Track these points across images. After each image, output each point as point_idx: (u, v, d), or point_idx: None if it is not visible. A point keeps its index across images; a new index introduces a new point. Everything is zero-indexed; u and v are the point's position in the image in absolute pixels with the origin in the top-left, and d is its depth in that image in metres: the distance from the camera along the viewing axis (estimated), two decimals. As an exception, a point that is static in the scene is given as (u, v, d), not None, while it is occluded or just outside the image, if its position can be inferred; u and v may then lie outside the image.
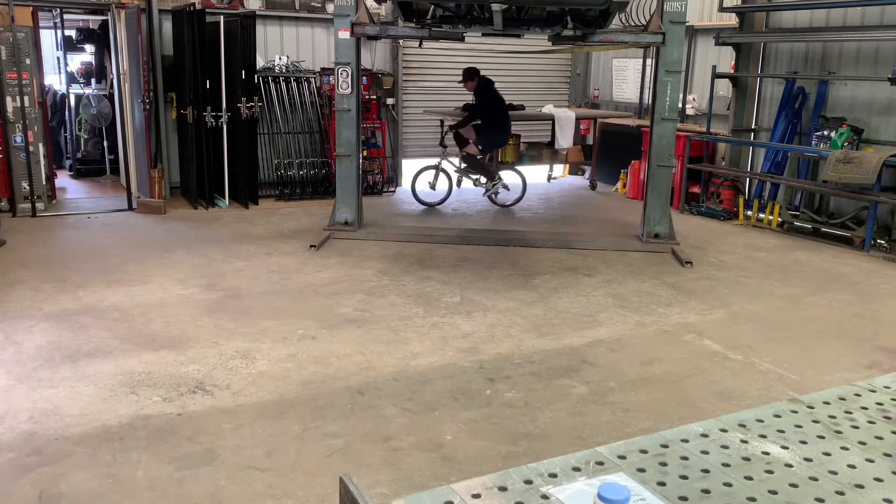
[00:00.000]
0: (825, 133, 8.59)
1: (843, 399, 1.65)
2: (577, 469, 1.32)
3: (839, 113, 8.77)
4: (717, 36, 9.54)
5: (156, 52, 9.39)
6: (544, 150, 11.28)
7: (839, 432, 1.50)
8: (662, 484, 1.29)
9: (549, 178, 12.21)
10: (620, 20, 8.05)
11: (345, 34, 7.77)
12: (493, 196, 9.93)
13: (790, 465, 1.37)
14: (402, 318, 5.58)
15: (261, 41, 9.84)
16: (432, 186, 9.85)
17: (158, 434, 3.78)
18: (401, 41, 10.91)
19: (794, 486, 1.30)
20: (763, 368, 4.82)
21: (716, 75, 9.63)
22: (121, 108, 9.56)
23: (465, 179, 10.15)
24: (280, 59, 10.09)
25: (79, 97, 11.25)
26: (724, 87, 10.05)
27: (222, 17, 9.11)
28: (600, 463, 1.35)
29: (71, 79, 11.37)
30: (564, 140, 10.71)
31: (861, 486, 1.30)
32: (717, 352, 5.09)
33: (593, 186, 11.50)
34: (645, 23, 7.71)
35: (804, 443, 1.45)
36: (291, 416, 4.00)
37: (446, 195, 10.02)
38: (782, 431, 1.50)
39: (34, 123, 8.68)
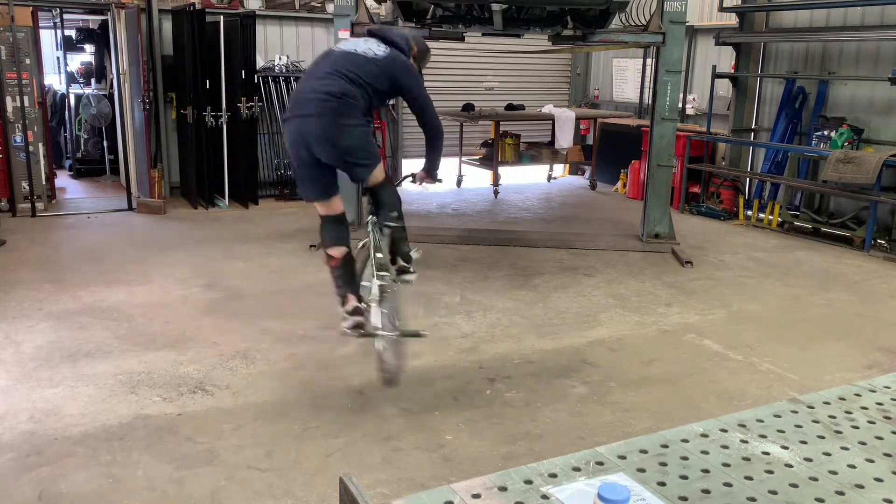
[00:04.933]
0: (825, 133, 8.59)
1: (843, 399, 1.65)
2: (577, 469, 1.32)
3: (839, 113, 8.77)
4: (717, 36, 9.54)
5: (156, 52, 9.38)
6: (544, 150, 11.28)
7: (839, 432, 1.50)
8: (662, 484, 1.29)
9: (549, 177, 12.22)
10: (620, 20, 8.05)
11: (345, 34, 7.76)
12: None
13: (790, 465, 1.37)
14: (402, 318, 5.56)
15: (261, 41, 9.84)
16: None
17: (158, 434, 3.78)
18: (401, 41, 10.88)
19: (794, 486, 1.30)
20: (763, 368, 4.82)
21: (716, 75, 9.63)
22: (121, 108, 9.56)
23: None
24: (280, 58, 10.09)
25: (79, 97, 11.24)
26: (724, 87, 10.05)
27: (222, 16, 9.11)
28: (600, 463, 1.35)
29: (71, 79, 11.37)
30: (564, 140, 10.71)
31: (861, 486, 1.30)
32: (717, 352, 5.09)
33: (593, 186, 11.50)
34: (645, 23, 7.71)
35: (804, 443, 1.45)
36: (291, 416, 4.00)
37: None
38: (782, 431, 1.50)
39: (34, 123, 8.68)
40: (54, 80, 11.63)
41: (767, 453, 1.41)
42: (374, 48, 4.30)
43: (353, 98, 4.09)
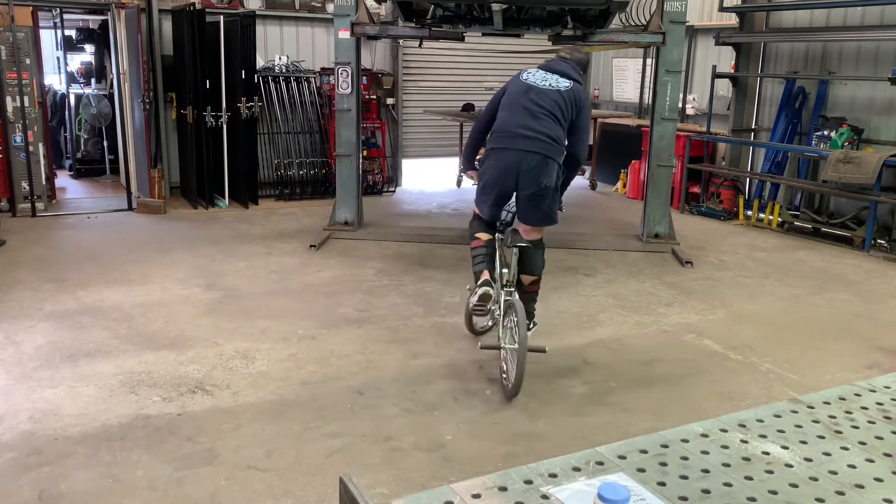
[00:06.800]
0: (825, 133, 8.60)
1: (843, 399, 1.65)
2: (577, 469, 1.32)
3: (839, 113, 8.77)
4: (717, 36, 9.54)
5: (156, 52, 9.38)
6: (544, 150, 11.25)
7: (839, 432, 1.50)
8: (662, 484, 1.29)
9: (549, 178, 12.22)
10: (620, 20, 8.05)
11: (345, 34, 7.77)
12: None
13: (790, 465, 1.37)
14: (402, 318, 5.58)
15: (261, 41, 9.84)
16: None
17: (158, 434, 3.78)
18: (401, 41, 10.91)
19: (794, 486, 1.30)
20: (763, 368, 4.82)
21: (716, 75, 9.63)
22: (121, 108, 9.56)
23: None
24: (280, 59, 10.09)
25: (79, 97, 11.24)
26: (724, 87, 10.05)
27: (222, 16, 9.11)
28: (600, 463, 1.35)
29: (71, 79, 11.37)
30: (564, 140, 10.69)
31: (861, 486, 1.30)
32: (717, 352, 5.09)
33: (593, 186, 11.51)
34: (645, 23, 7.72)
35: (804, 443, 1.45)
36: (291, 416, 4.00)
37: None
38: (782, 431, 1.50)
39: (34, 123, 8.68)
40: (54, 80, 11.62)
41: (767, 453, 1.41)
42: (560, 81, 4.64)
43: (563, 144, 4.53)
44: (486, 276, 4.56)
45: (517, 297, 4.45)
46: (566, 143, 4.58)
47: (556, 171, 4.51)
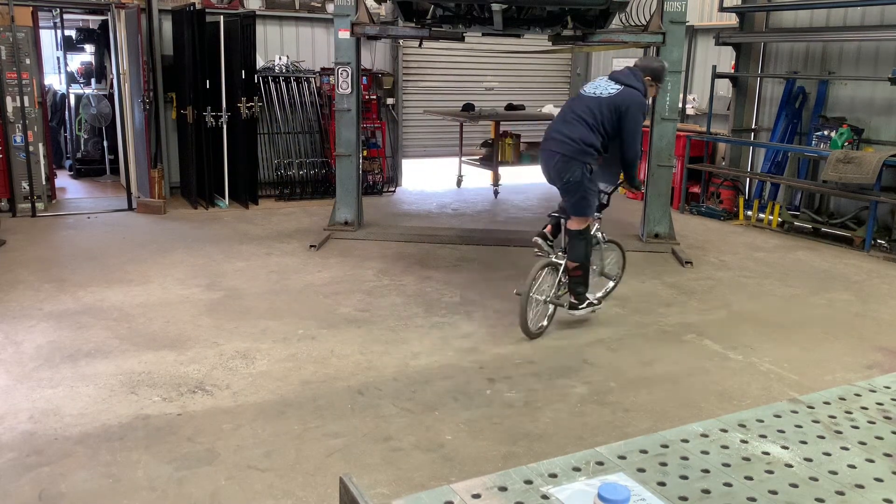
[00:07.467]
0: (825, 133, 8.60)
1: (843, 399, 1.65)
2: (577, 469, 1.32)
3: (839, 113, 8.77)
4: (717, 36, 9.54)
5: (156, 52, 9.39)
6: (544, 150, 11.25)
7: (839, 432, 1.50)
8: (662, 484, 1.29)
9: (549, 178, 12.22)
10: (620, 20, 8.05)
11: (345, 34, 7.77)
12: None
13: (790, 466, 1.37)
14: (402, 318, 5.58)
15: (261, 41, 9.84)
16: None
17: (158, 434, 3.78)
18: (401, 41, 10.91)
19: (794, 486, 1.30)
20: (763, 368, 4.82)
21: (716, 75, 9.63)
22: (121, 108, 9.56)
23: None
24: (280, 59, 10.09)
25: (79, 97, 11.25)
26: (724, 87, 10.05)
27: (222, 16, 9.12)
28: (600, 463, 1.35)
29: (71, 79, 11.37)
30: (564, 140, 10.70)
31: (861, 486, 1.30)
32: (717, 352, 5.09)
33: (593, 186, 11.50)
34: (645, 23, 7.72)
35: (804, 443, 1.45)
36: (291, 416, 4.00)
37: None
38: (782, 431, 1.50)
39: (34, 123, 8.68)
40: (54, 80, 11.63)
41: (767, 453, 1.41)
42: (608, 88, 5.12)
43: (588, 144, 5.00)
44: (547, 229, 5.50)
45: (559, 262, 5.25)
46: (598, 144, 5.02)
47: (579, 169, 4.98)
